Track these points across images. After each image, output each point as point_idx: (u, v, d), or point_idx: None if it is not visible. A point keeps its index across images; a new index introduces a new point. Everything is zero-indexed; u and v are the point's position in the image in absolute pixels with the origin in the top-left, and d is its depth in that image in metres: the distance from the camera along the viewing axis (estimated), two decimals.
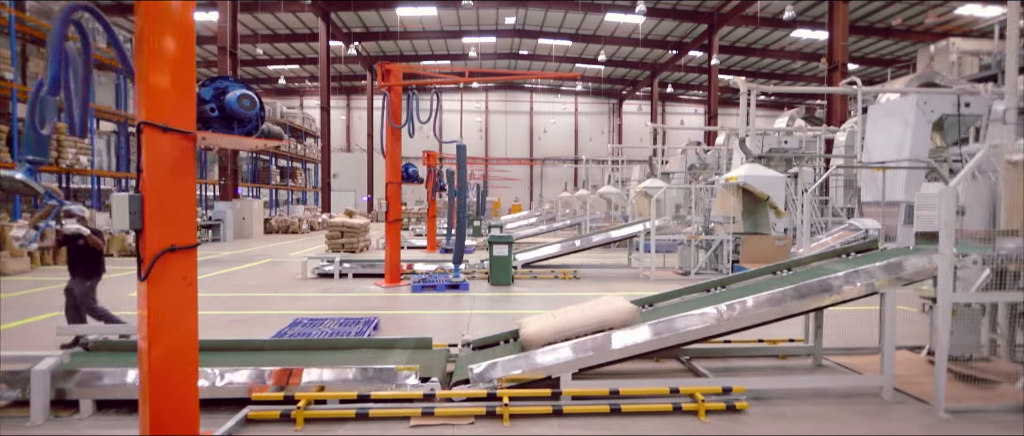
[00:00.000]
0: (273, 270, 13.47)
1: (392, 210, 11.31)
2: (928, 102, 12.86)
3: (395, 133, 11.20)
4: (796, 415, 4.76)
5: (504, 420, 4.50)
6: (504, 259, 11.26)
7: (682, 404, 4.70)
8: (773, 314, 4.96)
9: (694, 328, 4.91)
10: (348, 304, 9.54)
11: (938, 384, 4.73)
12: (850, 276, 5.08)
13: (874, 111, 14.32)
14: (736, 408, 4.73)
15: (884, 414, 4.81)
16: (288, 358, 5.49)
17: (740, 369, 6.04)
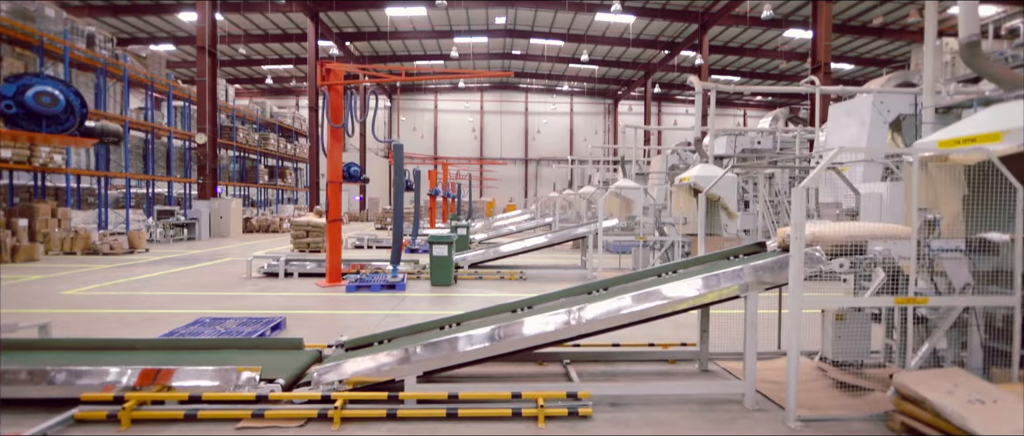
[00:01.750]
0: (225, 269, 13.46)
1: (332, 210, 11.25)
2: (884, 102, 12.64)
3: (336, 133, 11.14)
4: (642, 422, 4.63)
5: (335, 424, 4.41)
6: (444, 259, 11.17)
7: (522, 410, 4.58)
8: (623, 320, 4.84)
9: (534, 333, 4.81)
10: (274, 303, 9.49)
11: (789, 392, 4.59)
12: (709, 280, 4.94)
13: (834, 111, 14.10)
14: (579, 414, 4.61)
15: (735, 422, 4.68)
16: (157, 358, 5.44)
17: (618, 374, 5.91)
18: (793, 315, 4.54)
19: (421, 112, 51.51)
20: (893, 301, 4.74)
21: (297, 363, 5.27)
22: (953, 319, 5.06)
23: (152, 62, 24.60)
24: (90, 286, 11.01)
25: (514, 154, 51.76)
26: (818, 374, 5.79)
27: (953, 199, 6.21)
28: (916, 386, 4.31)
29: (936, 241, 5.08)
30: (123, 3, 30.65)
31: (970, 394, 4.10)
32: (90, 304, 9.27)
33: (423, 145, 50.68)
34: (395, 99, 51.27)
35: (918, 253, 5.08)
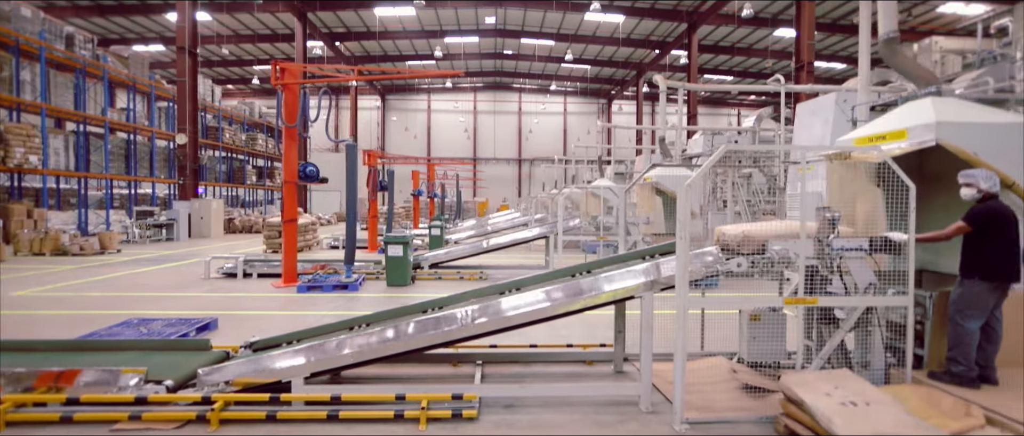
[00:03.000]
0: (189, 270, 13.43)
1: (288, 209, 11.21)
2: (847, 100, 12.52)
3: (291, 132, 11.10)
4: (528, 424, 4.58)
5: (213, 425, 4.37)
6: (400, 259, 11.12)
7: (405, 411, 4.53)
8: (510, 322, 4.78)
9: (425, 334, 4.75)
10: (219, 304, 9.47)
11: (675, 394, 4.52)
12: (605, 279, 4.88)
13: (800, 110, 14.01)
14: (463, 416, 4.55)
15: (624, 423, 4.62)
16: (58, 360, 5.39)
17: (532, 375, 5.85)
18: (678, 315, 4.47)
19: (414, 112, 51.49)
20: (783, 301, 4.66)
21: (195, 364, 5.21)
22: (855, 319, 4.99)
23: (134, 62, 24.62)
24: (45, 287, 11.00)
25: (508, 154, 51.70)
26: (731, 376, 5.71)
27: (868, 197, 6.13)
28: (797, 388, 4.24)
29: (838, 240, 5.00)
30: (110, 3, 30.68)
31: (848, 396, 4.03)
32: (34, 305, 9.25)
33: (416, 145, 50.66)
34: (386, 100, 51.28)
35: (819, 252, 5.02)
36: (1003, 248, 4.59)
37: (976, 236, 4.64)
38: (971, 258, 4.68)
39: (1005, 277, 4.59)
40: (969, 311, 4.63)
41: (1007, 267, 4.59)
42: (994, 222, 4.61)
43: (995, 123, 4.94)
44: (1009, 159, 4.85)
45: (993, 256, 4.59)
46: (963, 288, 4.68)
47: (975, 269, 4.63)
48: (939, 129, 4.88)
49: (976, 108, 5.25)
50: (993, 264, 4.58)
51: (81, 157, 21.40)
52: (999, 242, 4.59)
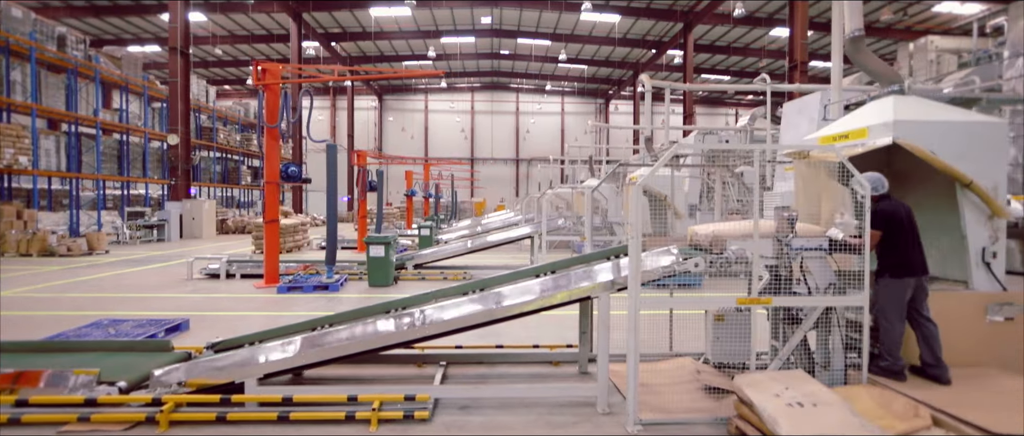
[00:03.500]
0: (174, 270, 13.42)
1: (269, 210, 11.20)
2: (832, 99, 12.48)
3: (273, 133, 11.08)
4: (480, 426, 4.55)
5: (161, 427, 4.34)
6: (381, 259, 11.09)
7: (356, 413, 4.50)
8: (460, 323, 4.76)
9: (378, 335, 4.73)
10: (196, 304, 9.46)
11: (628, 395, 4.49)
12: (560, 281, 4.85)
13: (787, 109, 13.94)
14: (415, 418, 4.52)
15: (578, 425, 4.60)
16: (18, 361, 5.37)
17: (493, 376, 5.83)
18: (630, 317, 4.44)
19: (411, 113, 51.46)
20: (735, 301, 4.63)
21: (151, 365, 5.18)
22: (814, 319, 4.96)
23: (127, 63, 24.64)
24: (25, 288, 10.99)
25: (506, 154, 51.66)
26: (695, 377, 5.68)
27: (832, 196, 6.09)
28: (747, 389, 4.21)
29: (797, 240, 4.97)
30: (105, 4, 30.70)
31: (797, 397, 3.99)
32: (12, 306, 9.24)
33: (413, 146, 50.62)
34: (384, 100, 51.28)
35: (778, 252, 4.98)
36: (899, 245, 4.65)
37: (886, 235, 4.69)
38: (879, 258, 4.74)
39: (908, 271, 4.61)
40: (886, 308, 4.69)
41: (906, 261, 4.62)
42: (898, 220, 4.67)
43: (952, 121, 4.90)
44: (967, 157, 4.81)
45: (892, 253, 4.66)
46: (878, 287, 4.73)
47: (883, 268, 4.72)
48: (896, 128, 4.85)
49: (937, 107, 5.21)
50: (894, 261, 4.65)
51: (73, 158, 21.41)
52: (894, 240, 4.65)
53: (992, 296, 4.83)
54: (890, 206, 4.79)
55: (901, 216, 4.75)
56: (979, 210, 4.88)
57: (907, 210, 4.82)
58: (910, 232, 4.75)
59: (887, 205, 4.79)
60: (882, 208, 4.79)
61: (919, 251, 4.75)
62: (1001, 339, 4.81)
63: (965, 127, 4.88)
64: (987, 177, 4.88)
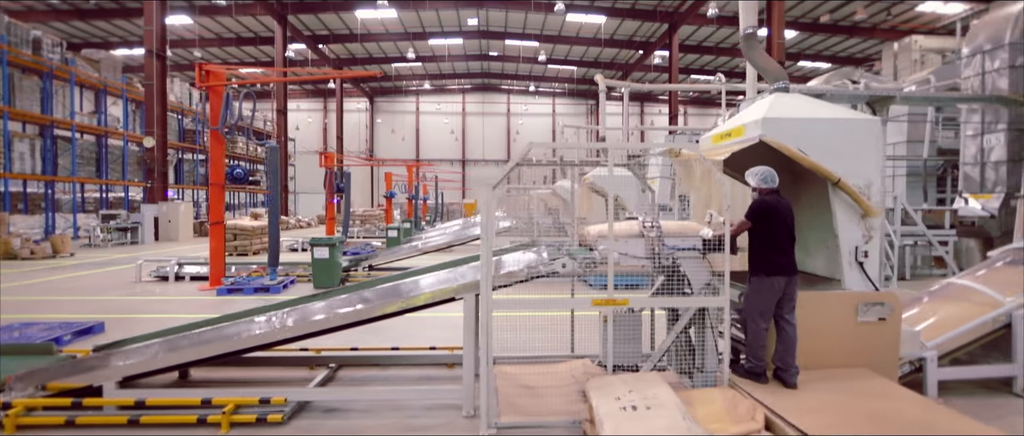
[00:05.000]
0: (127, 273, 13.36)
1: (214, 212, 11.18)
2: None
3: (217, 134, 11.05)
4: (333, 428, 4.51)
5: (7, 431, 4.30)
6: (326, 261, 11.05)
7: (209, 416, 4.45)
8: (319, 326, 4.71)
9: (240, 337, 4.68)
10: (133, 307, 9.47)
11: (482, 399, 4.42)
12: (425, 281, 4.79)
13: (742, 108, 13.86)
14: (267, 421, 4.47)
15: (434, 428, 4.55)
16: None
17: (382, 378, 5.78)
18: (482, 318, 4.38)
19: (402, 114, 51.50)
20: (591, 302, 4.56)
21: (14, 369, 5.14)
22: (687, 320, 4.90)
23: (106, 66, 24.71)
24: None
25: (497, 155, 51.62)
26: (581, 379, 5.60)
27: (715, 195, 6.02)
28: (592, 392, 4.15)
29: (671, 239, 4.91)
30: (90, 8, 30.82)
31: (637, 400, 3.93)
32: None
33: (405, 148, 50.63)
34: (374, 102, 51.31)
35: (650, 251, 4.92)
36: (769, 243, 4.54)
37: (755, 232, 4.60)
38: (752, 255, 4.64)
39: (775, 271, 4.50)
40: (755, 308, 4.58)
41: (775, 261, 4.51)
42: (760, 217, 4.57)
43: (819, 118, 4.83)
44: (835, 154, 4.73)
45: (763, 252, 4.55)
46: (750, 285, 4.62)
47: (755, 266, 4.60)
48: (764, 125, 4.78)
49: (813, 104, 5.13)
50: (764, 259, 4.54)
51: (48, 161, 21.48)
52: (765, 238, 4.55)
53: (863, 296, 4.75)
54: (769, 200, 4.69)
55: (777, 212, 4.62)
56: (851, 209, 4.80)
57: (786, 208, 4.70)
58: (784, 230, 4.62)
59: (763, 200, 4.71)
60: (760, 201, 4.72)
61: (791, 251, 4.65)
62: (873, 339, 4.73)
63: (835, 124, 4.80)
64: (860, 175, 4.80)
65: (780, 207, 4.66)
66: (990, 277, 5.71)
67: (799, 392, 4.31)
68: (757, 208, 4.69)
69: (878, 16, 30.94)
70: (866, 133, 4.81)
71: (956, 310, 5.46)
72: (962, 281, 5.81)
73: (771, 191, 4.72)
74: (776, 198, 4.71)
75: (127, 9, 31.07)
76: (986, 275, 5.79)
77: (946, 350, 5.16)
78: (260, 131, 37.24)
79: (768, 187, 4.71)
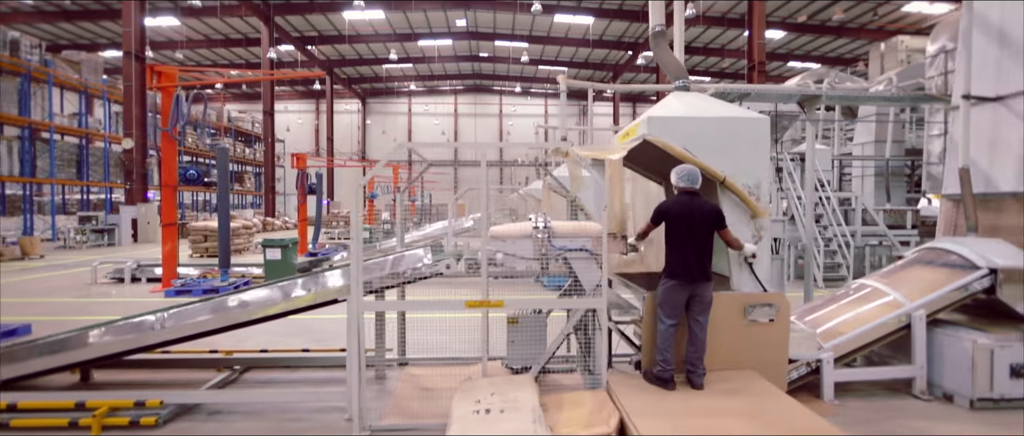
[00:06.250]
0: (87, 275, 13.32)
1: (166, 213, 11.15)
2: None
3: (167, 136, 11.02)
4: (209, 430, 4.46)
5: None
6: (277, 263, 10.99)
7: (81, 419, 4.41)
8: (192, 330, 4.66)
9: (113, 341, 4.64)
10: (76, 309, 9.49)
11: (352, 401, 4.36)
12: (307, 283, 4.75)
13: None
14: (140, 424, 4.43)
15: (311, 430, 4.49)
16: None
17: (286, 380, 5.75)
18: (350, 320, 4.33)
19: (394, 116, 51.52)
20: (464, 304, 4.51)
21: None
22: (576, 321, 4.84)
23: (87, 67, 24.75)
24: None
25: (489, 156, 51.50)
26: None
27: (641, 196, 5.96)
28: (458, 395, 4.11)
29: (559, 240, 4.85)
30: (76, 9, 30.88)
31: (494, 404, 3.88)
32: None
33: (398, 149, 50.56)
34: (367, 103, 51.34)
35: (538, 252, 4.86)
36: (669, 245, 4.45)
37: (666, 234, 4.50)
38: (665, 256, 4.53)
39: (675, 274, 4.41)
40: (664, 309, 4.48)
41: (671, 263, 4.42)
42: (668, 219, 4.48)
43: (706, 117, 4.77)
44: (724, 153, 4.67)
45: (671, 254, 4.45)
46: (660, 286, 4.52)
47: (665, 267, 4.49)
48: (649, 124, 4.72)
49: (708, 103, 5.07)
50: (672, 262, 4.43)
51: (26, 163, 21.51)
52: (667, 240, 4.46)
53: (751, 297, 4.68)
54: (670, 203, 4.58)
55: (675, 216, 4.48)
56: (740, 209, 4.74)
57: (692, 212, 4.47)
58: (683, 234, 4.44)
59: (671, 202, 4.58)
60: (665, 204, 4.63)
61: (693, 256, 4.42)
62: (761, 340, 4.67)
63: (722, 123, 4.74)
64: (749, 175, 4.74)
65: (681, 209, 4.49)
66: (898, 277, 5.64)
67: (674, 394, 4.25)
68: (657, 210, 4.60)
69: (864, 16, 30.85)
70: (755, 132, 4.75)
71: (861, 311, 5.39)
72: (870, 281, 5.74)
73: (686, 191, 4.59)
74: (684, 199, 4.53)
75: (114, 11, 31.10)
76: (895, 275, 5.72)
77: (844, 351, 5.09)
78: (248, 133, 37.32)
79: (684, 186, 4.56)
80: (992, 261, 5.11)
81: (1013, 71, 5.70)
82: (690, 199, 4.45)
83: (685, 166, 4.52)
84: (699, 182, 4.48)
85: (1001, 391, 4.78)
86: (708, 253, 4.41)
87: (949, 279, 5.25)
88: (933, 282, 5.31)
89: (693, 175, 4.48)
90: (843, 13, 27.65)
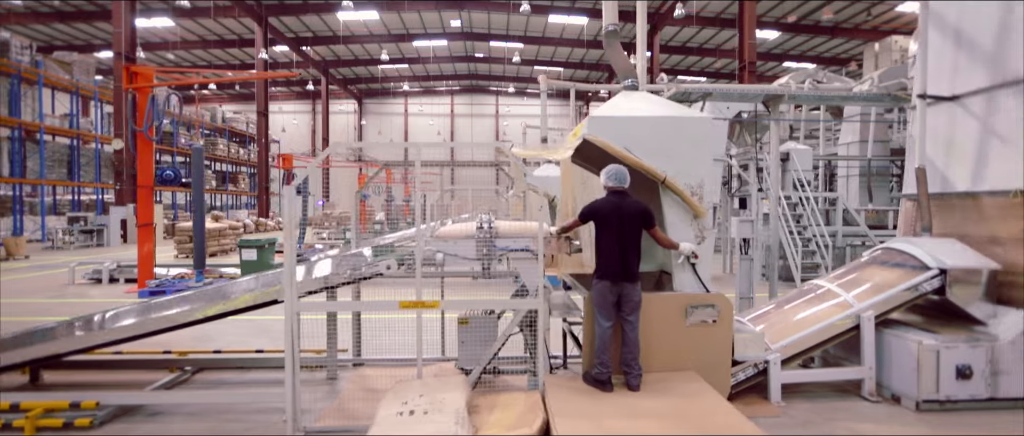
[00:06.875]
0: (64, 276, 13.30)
1: (142, 214, 11.14)
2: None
3: (142, 137, 11.00)
4: (145, 431, 4.44)
5: None
6: (253, 263, 11.00)
7: (14, 421, 4.39)
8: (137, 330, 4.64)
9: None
10: (46, 309, 9.46)
11: (287, 402, 4.33)
12: (250, 283, 4.72)
13: None
14: (74, 426, 4.41)
15: (247, 431, 4.46)
16: None
17: (241, 381, 5.75)
18: (287, 321, 4.29)
19: (391, 116, 51.52)
20: (398, 305, 4.47)
21: None
22: (519, 322, 4.81)
23: (79, 68, 24.78)
24: None
25: (485, 156, 51.50)
26: None
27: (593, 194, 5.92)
28: (388, 395, 4.08)
29: (501, 241, 4.83)
30: (69, 10, 30.90)
31: (420, 405, 3.85)
32: None
33: (392, 149, 50.50)
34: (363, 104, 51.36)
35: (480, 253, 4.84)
36: (598, 245, 4.43)
37: (595, 234, 4.47)
38: (595, 257, 4.50)
39: (599, 274, 4.38)
40: (599, 311, 4.44)
41: (600, 263, 4.40)
42: (595, 219, 4.45)
43: (647, 117, 4.73)
44: (666, 153, 4.63)
45: (599, 255, 4.43)
46: (593, 288, 4.49)
47: (595, 268, 4.46)
48: (590, 124, 4.69)
49: (653, 103, 5.03)
50: (600, 263, 4.41)
51: (16, 163, 21.55)
52: (600, 240, 4.42)
53: (693, 298, 4.64)
54: (601, 203, 4.54)
55: (603, 215, 4.47)
56: (683, 209, 4.70)
57: (620, 212, 4.44)
58: (611, 234, 4.41)
59: (598, 202, 4.57)
60: (593, 203, 4.59)
61: (618, 257, 4.38)
62: (703, 341, 4.63)
63: (664, 122, 4.70)
64: (692, 175, 4.70)
65: (609, 209, 4.46)
66: (852, 278, 5.60)
67: (608, 396, 4.22)
68: (584, 210, 4.59)
69: (858, 17, 30.78)
70: (697, 132, 4.71)
71: (813, 312, 5.35)
72: (824, 282, 5.69)
73: (614, 191, 4.56)
74: (613, 199, 4.51)
75: (108, 12, 31.12)
76: (849, 276, 5.67)
77: (792, 352, 5.05)
78: (242, 133, 37.35)
79: (613, 186, 4.54)
80: (942, 262, 5.07)
81: (969, 70, 5.65)
82: (619, 198, 4.43)
83: (614, 165, 4.50)
84: (628, 181, 4.46)
85: (947, 392, 4.73)
86: (635, 253, 4.38)
87: (901, 280, 5.20)
88: (885, 283, 5.27)
89: (620, 174, 4.46)
90: (833, 14, 27.55)
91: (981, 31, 5.52)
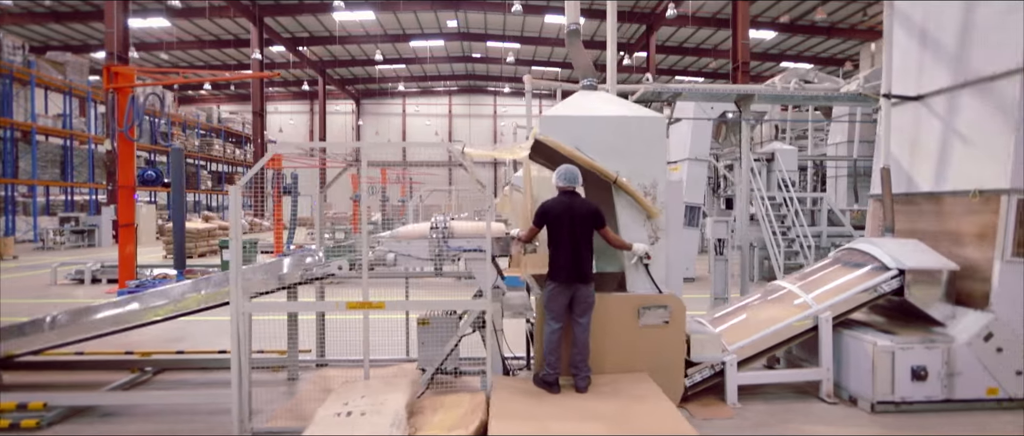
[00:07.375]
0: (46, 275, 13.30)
1: (123, 214, 11.13)
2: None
3: (123, 137, 11.01)
4: (95, 431, 4.43)
5: None
6: None
7: None
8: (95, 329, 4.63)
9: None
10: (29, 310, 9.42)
11: (233, 404, 4.31)
12: (198, 284, 4.70)
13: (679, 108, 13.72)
14: (21, 427, 4.39)
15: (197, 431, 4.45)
16: None
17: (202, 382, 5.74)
18: (233, 321, 4.28)
19: (389, 117, 51.53)
20: (346, 305, 4.45)
21: None
22: (472, 321, 4.79)
23: (72, 69, 24.80)
24: None
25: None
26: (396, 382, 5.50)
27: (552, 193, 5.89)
28: (331, 397, 4.06)
29: (454, 241, 4.81)
30: (65, 10, 30.95)
31: (362, 406, 3.83)
32: None
33: (391, 150, 50.53)
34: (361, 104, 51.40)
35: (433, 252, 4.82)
36: (551, 246, 4.40)
37: (548, 235, 4.44)
38: (549, 258, 4.46)
39: (552, 275, 4.35)
40: (549, 312, 4.41)
41: (553, 264, 4.36)
42: (548, 220, 4.42)
43: (600, 116, 4.70)
44: (619, 152, 4.61)
45: (552, 255, 4.39)
46: (545, 289, 4.46)
47: (548, 269, 4.43)
48: (542, 123, 4.67)
49: (609, 102, 5.01)
50: (553, 264, 4.38)
51: (7, 163, 21.57)
52: (553, 241, 4.40)
53: (645, 298, 4.62)
54: (551, 202, 4.52)
55: (554, 216, 4.44)
56: (636, 210, 4.67)
57: (570, 209, 4.42)
58: (563, 235, 4.39)
59: (548, 201, 4.55)
60: (545, 204, 4.56)
61: (570, 257, 4.36)
62: (656, 343, 4.60)
63: (616, 122, 4.67)
64: (645, 175, 4.67)
65: (561, 209, 4.43)
66: (813, 279, 5.56)
67: (553, 398, 4.19)
68: (537, 211, 4.56)
69: (854, 17, 30.70)
70: (649, 131, 4.69)
71: (772, 313, 5.32)
72: (785, 283, 5.66)
73: (565, 191, 4.53)
74: (564, 199, 4.49)
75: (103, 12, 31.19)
76: (811, 277, 5.64)
77: (749, 354, 5.02)
78: (238, 134, 37.38)
79: (563, 186, 4.52)
80: (901, 262, 5.03)
81: (933, 70, 5.62)
82: (569, 199, 4.40)
83: (565, 166, 4.47)
84: (579, 181, 4.43)
85: (902, 394, 4.70)
86: (588, 253, 4.35)
87: (861, 281, 5.17)
88: (846, 284, 5.23)
89: (571, 174, 4.43)
90: (826, 14, 27.49)
91: (944, 31, 5.48)
